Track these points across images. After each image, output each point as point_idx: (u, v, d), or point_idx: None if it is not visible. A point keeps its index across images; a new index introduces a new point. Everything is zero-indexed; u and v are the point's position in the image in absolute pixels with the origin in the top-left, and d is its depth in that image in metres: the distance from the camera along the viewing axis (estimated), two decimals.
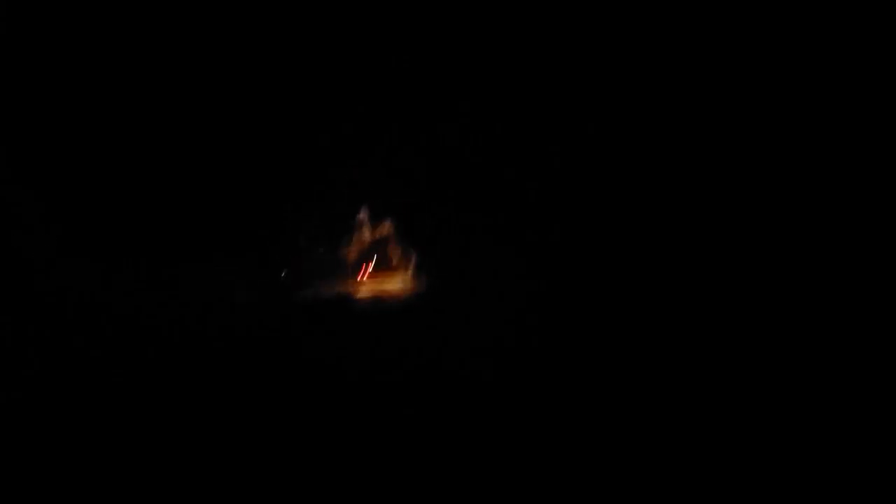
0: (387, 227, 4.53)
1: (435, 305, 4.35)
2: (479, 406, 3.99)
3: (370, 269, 4.57)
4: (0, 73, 4.32)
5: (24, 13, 4.32)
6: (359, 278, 4.56)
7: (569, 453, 3.80)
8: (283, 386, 4.10)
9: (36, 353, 4.14)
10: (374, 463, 3.82)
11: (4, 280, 4.23)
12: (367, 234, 4.54)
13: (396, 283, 4.52)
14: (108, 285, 4.30)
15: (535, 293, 4.28)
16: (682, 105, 4.27)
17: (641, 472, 3.71)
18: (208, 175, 4.45)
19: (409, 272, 4.51)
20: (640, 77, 4.30)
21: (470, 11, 4.34)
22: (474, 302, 4.31)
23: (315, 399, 4.05)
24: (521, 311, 4.23)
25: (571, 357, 4.13)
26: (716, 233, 4.21)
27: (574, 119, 4.34)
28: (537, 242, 4.34)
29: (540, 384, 4.06)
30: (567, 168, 4.35)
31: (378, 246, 4.57)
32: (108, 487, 3.76)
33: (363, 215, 4.53)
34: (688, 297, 4.18)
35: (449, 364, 4.13)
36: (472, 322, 4.24)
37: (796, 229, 4.15)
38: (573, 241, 4.33)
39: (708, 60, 4.24)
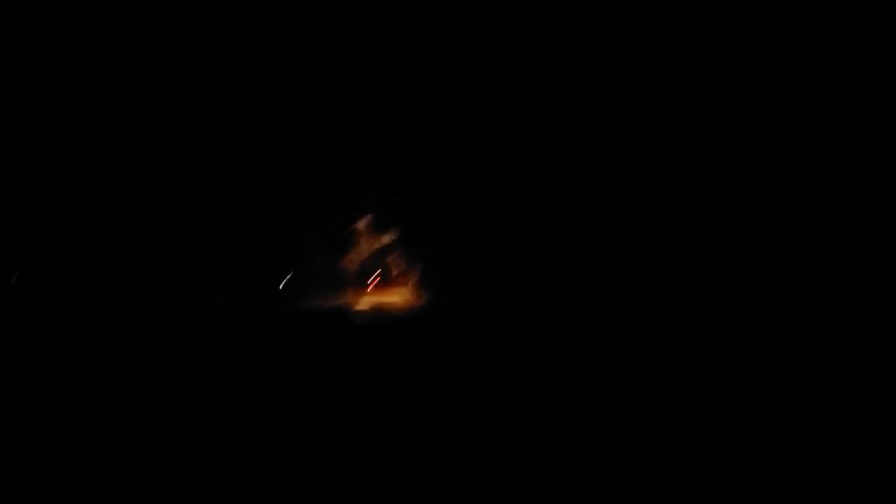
0: (390, 237, 4.51)
1: (434, 306, 4.35)
2: (480, 408, 3.99)
3: (375, 281, 4.54)
4: (0, 73, 4.32)
5: (24, 13, 4.33)
6: (362, 289, 4.54)
7: (569, 452, 3.80)
8: (282, 387, 4.10)
9: (36, 353, 4.14)
10: (378, 468, 3.82)
11: (4, 280, 4.24)
12: (369, 244, 4.53)
13: (399, 296, 4.50)
14: (108, 285, 4.30)
15: (535, 293, 4.28)
16: (681, 105, 4.27)
17: (641, 471, 3.71)
18: (208, 175, 4.45)
19: (412, 285, 4.49)
20: (640, 77, 4.29)
21: (470, 12, 4.34)
22: (474, 302, 4.31)
23: (314, 403, 4.05)
24: (521, 310, 4.23)
25: (571, 356, 4.13)
26: (714, 232, 4.21)
27: (574, 119, 4.34)
28: (537, 242, 4.34)
29: (540, 384, 4.05)
30: (567, 168, 4.35)
31: (381, 256, 4.55)
32: (108, 487, 3.76)
33: (364, 224, 4.51)
34: (686, 296, 4.18)
35: (449, 365, 4.13)
36: (472, 322, 4.24)
37: (794, 229, 4.15)
38: (573, 241, 4.32)
39: (707, 61, 4.24)
